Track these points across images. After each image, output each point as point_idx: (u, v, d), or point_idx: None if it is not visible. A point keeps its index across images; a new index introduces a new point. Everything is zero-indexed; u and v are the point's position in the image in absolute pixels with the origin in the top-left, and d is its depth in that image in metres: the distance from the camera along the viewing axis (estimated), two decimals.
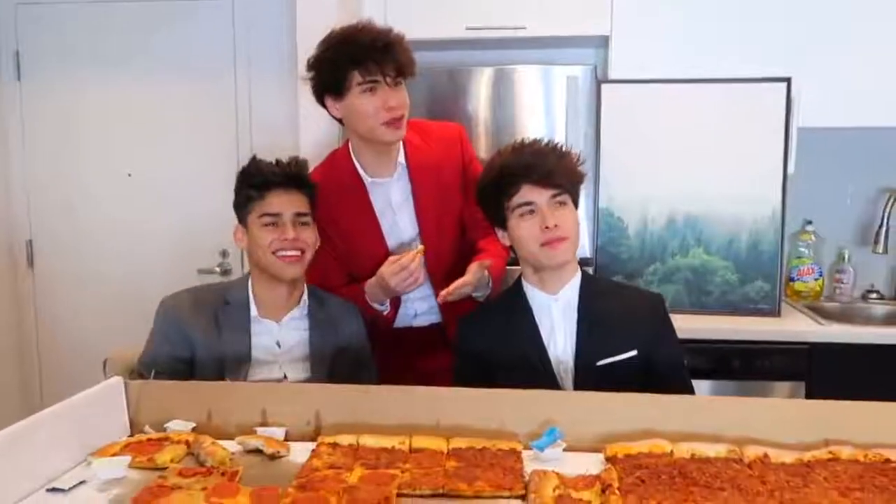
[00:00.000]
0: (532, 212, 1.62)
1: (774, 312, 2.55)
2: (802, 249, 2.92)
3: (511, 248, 1.75)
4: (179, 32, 3.21)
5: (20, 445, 1.24)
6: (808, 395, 2.39)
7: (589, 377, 1.63)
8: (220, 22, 3.20)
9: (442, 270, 1.90)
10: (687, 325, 2.36)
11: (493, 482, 1.21)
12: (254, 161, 1.78)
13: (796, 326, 2.48)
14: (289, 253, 1.72)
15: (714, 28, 2.61)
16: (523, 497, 1.18)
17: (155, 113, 3.24)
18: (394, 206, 1.91)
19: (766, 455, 1.28)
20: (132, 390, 1.51)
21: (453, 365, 1.74)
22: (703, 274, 2.57)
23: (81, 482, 1.27)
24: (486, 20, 2.62)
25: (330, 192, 1.84)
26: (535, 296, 1.70)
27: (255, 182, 1.74)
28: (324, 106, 1.85)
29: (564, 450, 1.33)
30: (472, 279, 1.76)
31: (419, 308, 1.98)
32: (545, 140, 1.69)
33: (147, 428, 1.47)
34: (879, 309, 2.88)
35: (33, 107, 3.33)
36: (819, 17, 2.57)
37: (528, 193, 1.61)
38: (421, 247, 1.79)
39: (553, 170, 1.61)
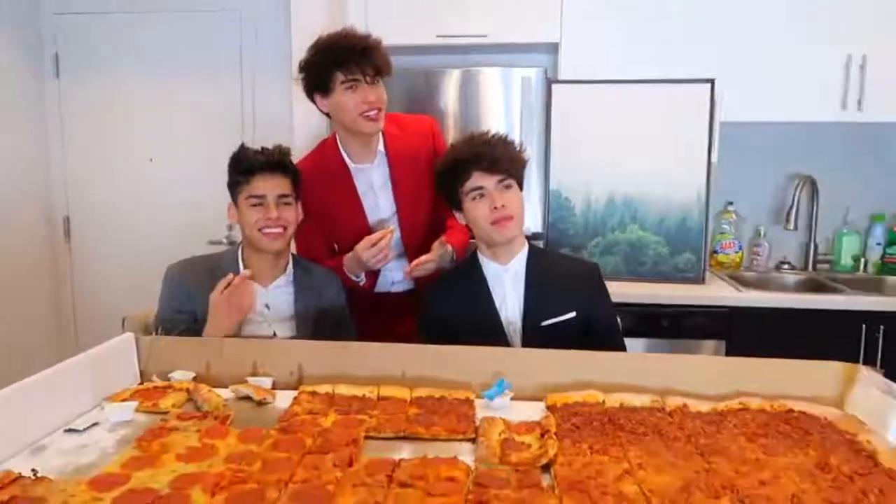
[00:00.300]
0: (482, 195, 1.59)
1: (699, 280, 2.52)
2: (725, 226, 2.89)
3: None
4: (193, 38, 3.13)
5: (43, 391, 1.21)
6: (728, 353, 2.37)
7: (535, 336, 1.60)
8: (228, 30, 3.12)
9: (416, 244, 1.87)
10: (624, 291, 2.37)
11: (448, 427, 1.17)
12: (242, 148, 1.73)
13: (718, 292, 2.45)
14: (272, 230, 1.68)
15: (648, 35, 2.56)
16: (473, 440, 1.14)
17: (172, 107, 3.15)
18: (375, 188, 1.88)
19: (685, 405, 1.24)
20: (142, 345, 1.46)
21: (417, 325, 1.71)
22: (638, 247, 2.54)
23: (95, 424, 1.22)
24: (455, 29, 2.59)
25: (319, 177, 1.82)
26: (489, 267, 1.67)
27: (242, 167, 1.69)
28: (314, 102, 1.82)
29: (511, 399, 1.30)
30: (434, 257, 1.75)
31: (396, 277, 1.94)
32: (493, 132, 1.66)
33: (154, 377, 1.43)
34: (791, 278, 2.84)
35: (70, 101, 3.23)
36: (739, 25, 2.52)
37: (478, 179, 1.59)
38: (390, 227, 1.77)
39: (499, 158, 1.58)
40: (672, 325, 2.39)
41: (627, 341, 2.36)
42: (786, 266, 2.90)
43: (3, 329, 2.91)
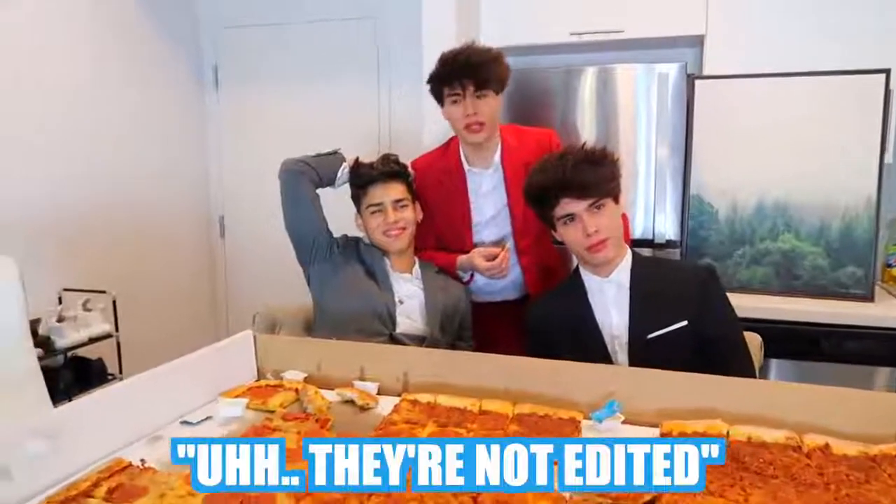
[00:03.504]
0: (573, 220, 1.51)
1: (868, 297, 2.21)
2: None
3: None
4: (336, 49, 3.25)
5: (164, 383, 1.27)
6: None
7: (643, 350, 1.48)
8: (364, 37, 3.21)
9: (530, 253, 1.91)
10: (775, 306, 2.17)
11: None
12: (357, 164, 1.89)
13: (891, 312, 2.12)
14: (393, 231, 1.83)
15: (807, 23, 2.29)
16: None
17: (317, 112, 3.28)
18: (482, 192, 1.94)
19: (827, 445, 1.06)
20: (260, 343, 1.51)
21: (525, 341, 1.65)
22: (792, 258, 2.26)
23: (208, 417, 1.28)
24: (589, 26, 2.50)
25: (435, 173, 1.95)
26: (590, 280, 1.59)
27: (359, 181, 1.86)
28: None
29: (623, 422, 1.19)
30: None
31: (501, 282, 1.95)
32: (581, 148, 1.54)
33: (268, 375, 1.47)
34: None
35: (226, 110, 3.47)
36: None
37: (567, 206, 1.51)
38: (508, 244, 1.86)
39: (587, 183, 1.48)
40: (832, 348, 2.12)
41: (777, 363, 2.20)
42: None
43: (169, 319, 3.19)
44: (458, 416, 1.23)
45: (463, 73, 1.78)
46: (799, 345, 2.14)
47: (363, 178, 1.85)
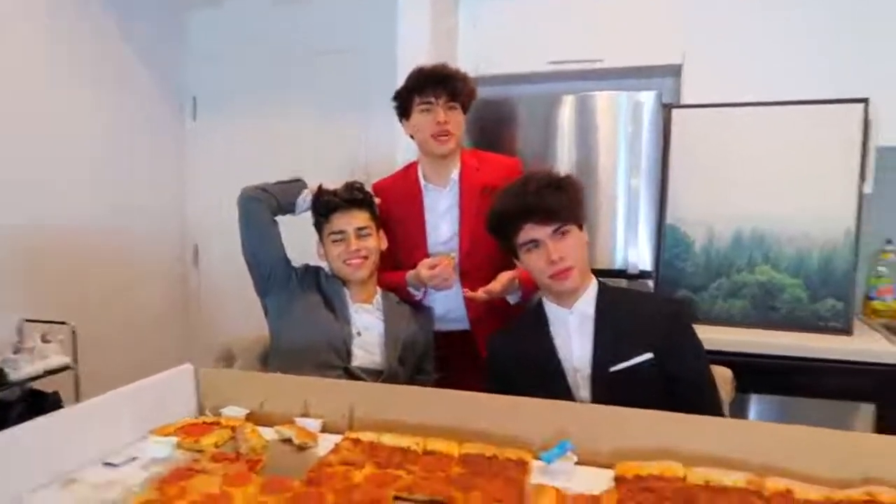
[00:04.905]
0: (537, 246, 1.45)
1: (847, 331, 2.13)
2: (882, 269, 2.44)
3: None
4: (313, 82, 3.21)
5: (89, 419, 1.19)
6: (879, 420, 1.98)
7: (606, 385, 1.41)
8: (342, 70, 3.17)
9: (475, 275, 1.82)
10: (752, 339, 2.09)
11: (490, 494, 1.00)
12: (320, 191, 1.84)
13: (870, 346, 2.04)
14: (354, 261, 1.77)
15: (785, 52, 2.26)
16: None
17: (294, 141, 3.23)
18: (439, 211, 1.92)
19: (789, 490, 0.97)
20: (202, 377, 1.43)
21: (484, 375, 1.57)
22: (770, 290, 2.19)
23: (133, 458, 1.19)
24: (568, 55, 2.50)
25: (394, 194, 1.94)
26: (553, 310, 1.52)
27: (321, 209, 1.81)
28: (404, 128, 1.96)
29: (577, 463, 1.11)
30: (497, 286, 1.72)
31: (450, 305, 1.90)
32: (544, 175, 1.49)
33: (207, 411, 1.39)
34: None
35: (204, 139, 3.43)
36: (894, 35, 2.15)
37: (530, 232, 1.45)
38: (453, 254, 1.81)
39: (551, 208, 1.43)
40: (809, 383, 2.02)
41: (754, 398, 2.11)
42: None
43: (137, 351, 3.08)
44: (399, 456, 1.14)
45: (436, 82, 1.81)
46: (777, 379, 2.05)
47: (326, 206, 1.80)
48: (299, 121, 3.24)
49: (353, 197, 1.80)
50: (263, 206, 1.80)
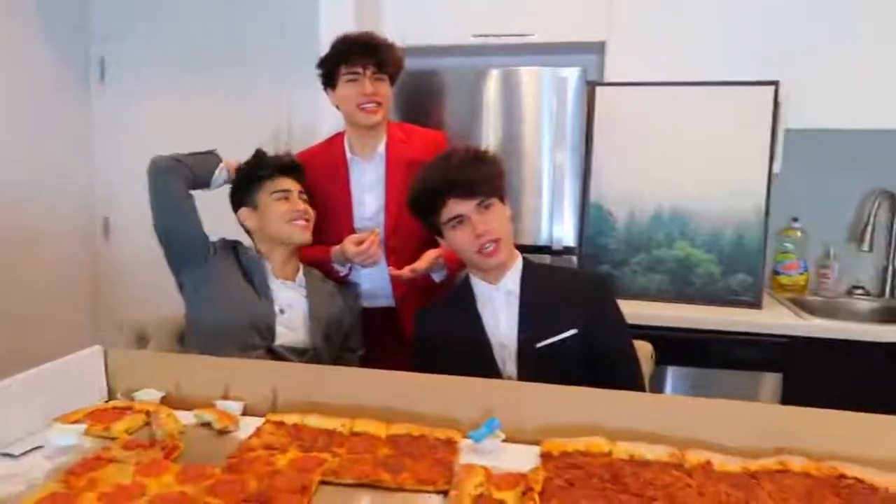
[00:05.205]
0: (462, 222, 1.44)
1: (756, 304, 2.23)
2: (788, 245, 2.56)
3: None
4: (232, 43, 3.04)
5: None
6: (785, 388, 2.08)
7: (532, 361, 1.42)
8: (269, 37, 3.02)
9: (400, 251, 1.80)
10: (669, 314, 2.16)
11: (419, 475, 0.99)
12: (260, 152, 1.80)
13: (777, 319, 2.15)
14: (300, 221, 1.72)
15: (704, 34, 2.29)
16: (446, 492, 0.95)
17: (214, 107, 3.06)
18: (364, 185, 1.87)
19: (708, 462, 1.01)
20: (112, 359, 1.34)
21: (411, 355, 1.55)
22: (687, 266, 2.27)
23: (36, 447, 1.10)
24: (492, 28, 2.45)
25: (318, 167, 1.86)
26: (479, 287, 1.51)
27: (265, 170, 1.75)
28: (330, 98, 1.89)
29: (504, 440, 1.11)
30: (423, 264, 1.69)
31: (374, 284, 1.87)
32: (464, 150, 1.50)
33: (119, 395, 1.31)
34: (864, 305, 2.51)
35: (115, 103, 3.20)
36: (806, 21, 2.23)
37: (454, 207, 1.44)
38: (377, 230, 1.76)
39: (473, 180, 1.43)
40: (722, 355, 2.11)
41: (670, 370, 2.18)
42: (859, 291, 2.56)
43: (43, 334, 2.88)
44: (325, 439, 1.11)
45: (364, 52, 1.75)
46: (691, 351, 2.13)
47: (274, 165, 1.75)
48: (219, 86, 3.06)
49: (295, 164, 1.78)
50: (178, 177, 1.71)
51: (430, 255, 1.69)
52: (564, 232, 2.25)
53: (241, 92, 3.06)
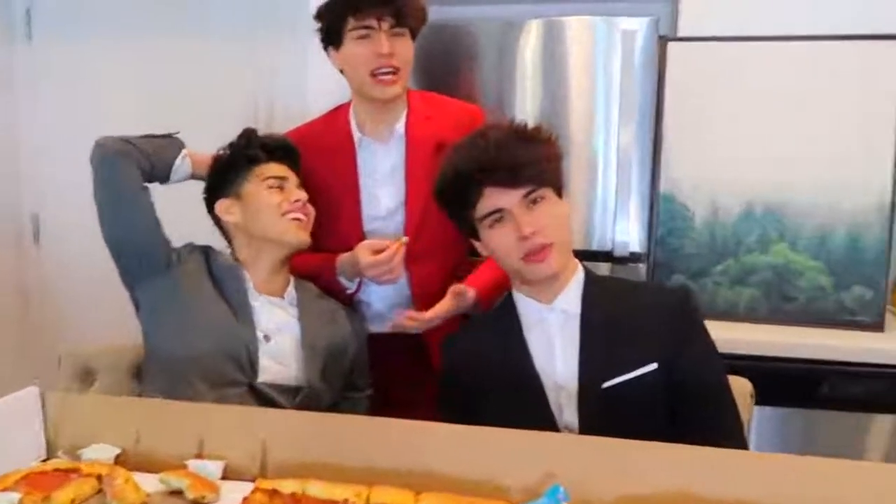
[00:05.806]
0: (502, 218, 1.40)
1: (878, 326, 2.21)
2: None
3: None
4: None
5: None
6: None
7: (597, 404, 1.39)
8: None
9: (422, 263, 1.80)
10: (762, 338, 2.16)
11: None
12: (250, 131, 1.79)
13: None
14: (299, 215, 1.70)
15: None
16: None
17: (167, 73, 3.07)
18: (378, 175, 1.86)
19: None
20: (51, 403, 1.35)
21: (437, 393, 1.54)
22: (786, 276, 2.25)
23: None
24: None
25: (317, 150, 1.84)
26: (527, 307, 1.48)
27: (254, 153, 1.73)
28: (330, 58, 1.86)
29: None
30: (445, 307, 1.67)
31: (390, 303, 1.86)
32: (507, 125, 1.47)
33: (60, 453, 1.32)
34: None
35: (45, 70, 3.22)
36: None
37: (494, 198, 1.39)
38: (404, 238, 1.70)
39: (518, 164, 1.37)
40: (833, 391, 2.10)
41: (763, 410, 2.15)
42: None
43: None
44: None
45: (380, 1, 1.71)
46: (791, 387, 2.13)
47: (265, 147, 1.74)
48: (176, 47, 3.06)
49: (289, 147, 1.77)
50: (130, 164, 1.70)
51: (451, 294, 1.67)
52: (630, 234, 2.26)
53: (204, 56, 3.05)
